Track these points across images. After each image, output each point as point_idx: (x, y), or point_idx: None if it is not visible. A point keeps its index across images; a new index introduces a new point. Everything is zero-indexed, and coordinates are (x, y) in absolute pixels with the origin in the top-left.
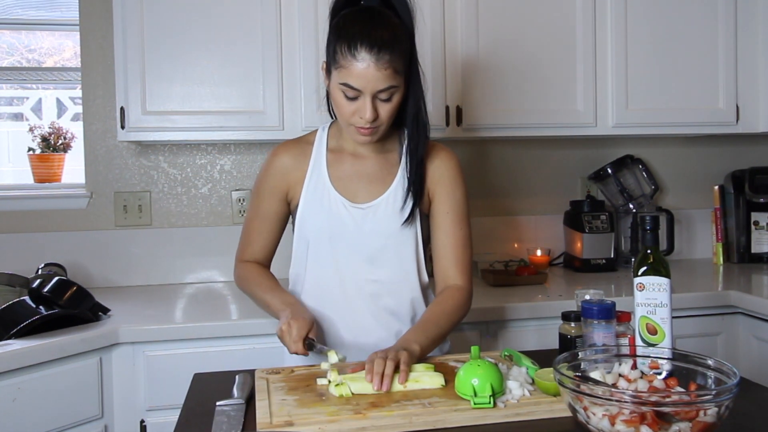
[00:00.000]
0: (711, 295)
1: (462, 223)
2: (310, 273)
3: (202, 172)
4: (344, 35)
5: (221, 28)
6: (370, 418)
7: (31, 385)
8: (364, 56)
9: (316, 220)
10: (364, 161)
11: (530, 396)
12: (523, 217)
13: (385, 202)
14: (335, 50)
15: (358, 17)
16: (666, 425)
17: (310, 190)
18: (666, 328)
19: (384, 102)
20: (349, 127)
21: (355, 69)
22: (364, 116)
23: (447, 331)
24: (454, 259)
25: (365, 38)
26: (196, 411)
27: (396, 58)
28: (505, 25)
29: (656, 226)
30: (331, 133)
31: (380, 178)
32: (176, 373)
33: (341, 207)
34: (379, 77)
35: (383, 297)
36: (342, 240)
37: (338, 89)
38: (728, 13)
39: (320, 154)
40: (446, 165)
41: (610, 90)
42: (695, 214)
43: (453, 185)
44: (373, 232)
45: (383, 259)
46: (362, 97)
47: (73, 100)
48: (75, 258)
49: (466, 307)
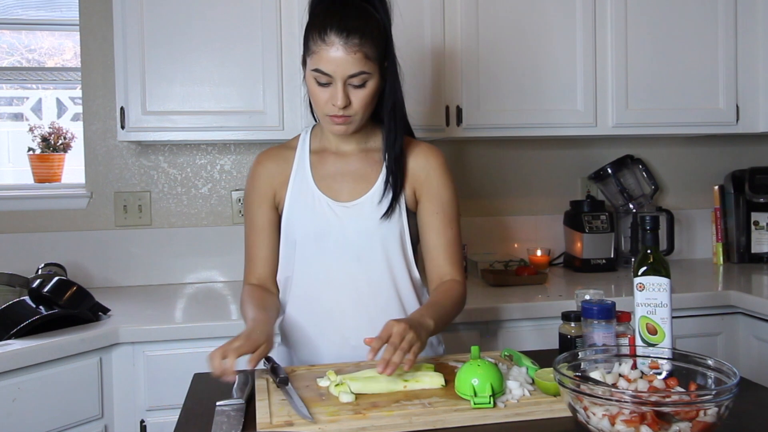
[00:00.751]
0: (711, 295)
1: (452, 222)
2: (297, 274)
3: (202, 172)
4: (316, 22)
5: (221, 28)
6: (370, 418)
7: (31, 385)
8: (333, 40)
9: (301, 221)
10: (347, 159)
11: (530, 396)
12: (523, 217)
13: (370, 201)
14: (307, 38)
15: (330, 5)
16: (666, 425)
17: (294, 191)
18: (666, 328)
19: (356, 89)
20: (324, 118)
21: (326, 54)
22: (336, 102)
23: (452, 316)
24: (448, 257)
25: (335, 23)
26: (196, 411)
27: (366, 42)
28: (505, 25)
29: (656, 226)
30: (313, 135)
31: (364, 176)
32: (176, 373)
33: (326, 206)
34: (349, 61)
35: (372, 296)
36: (328, 239)
37: (312, 77)
38: (728, 13)
39: (303, 156)
40: (432, 164)
41: (610, 90)
42: (695, 214)
43: (440, 185)
44: (358, 230)
45: (370, 257)
46: (334, 83)
47: (73, 100)
48: (75, 258)
49: (463, 299)
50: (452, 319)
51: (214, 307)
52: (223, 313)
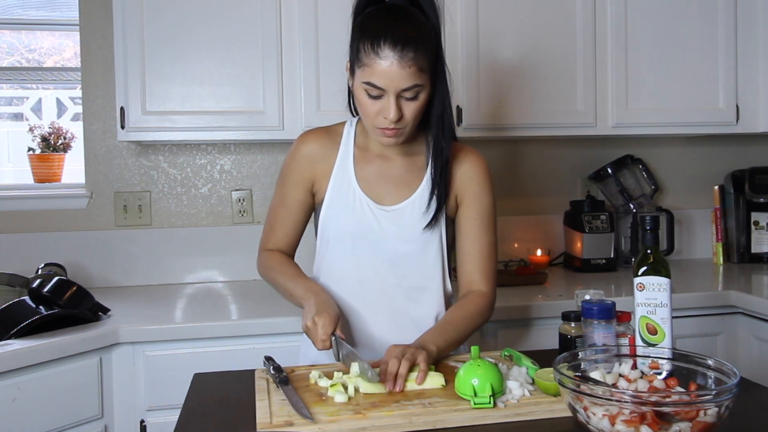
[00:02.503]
0: (711, 295)
1: (489, 229)
2: (328, 272)
3: (202, 172)
4: (367, 33)
5: (221, 27)
6: (370, 418)
7: (31, 385)
8: (387, 53)
9: (339, 219)
10: (390, 163)
11: (530, 396)
12: (523, 217)
13: (411, 206)
14: (358, 48)
15: (382, 14)
16: (666, 425)
17: (335, 187)
18: (666, 328)
19: (409, 101)
20: (374, 130)
21: (379, 67)
22: (388, 116)
23: (466, 335)
24: (480, 265)
25: (389, 35)
26: (196, 411)
27: (420, 55)
28: (504, 26)
29: (656, 226)
30: (359, 130)
31: (407, 182)
32: (176, 373)
33: (366, 208)
34: (403, 75)
35: (403, 302)
36: (365, 241)
37: (362, 88)
38: (728, 13)
39: (347, 149)
40: (475, 169)
41: (610, 90)
42: (695, 214)
43: (481, 190)
44: (398, 236)
45: (406, 264)
46: (386, 96)
47: (73, 100)
48: (75, 258)
49: (488, 313)
50: (467, 337)
51: (214, 307)
52: (223, 313)
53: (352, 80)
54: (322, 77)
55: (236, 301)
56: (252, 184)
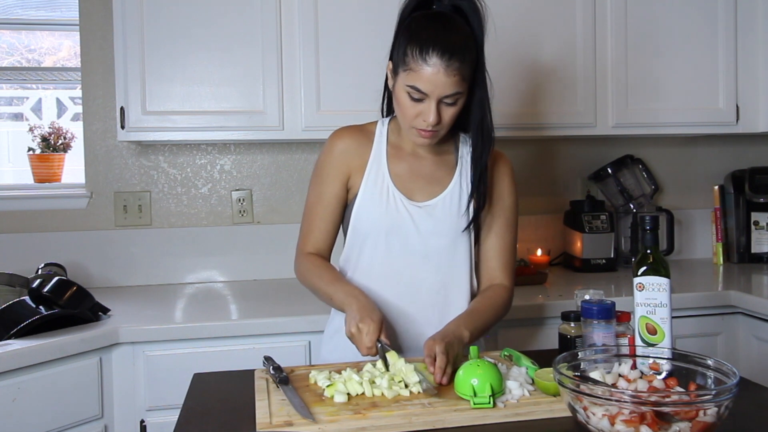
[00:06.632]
0: (711, 295)
1: (510, 227)
2: (361, 266)
3: (202, 172)
4: (416, 38)
5: (221, 27)
6: (370, 418)
7: (31, 385)
8: (435, 62)
9: (373, 214)
10: (422, 161)
11: (530, 396)
12: (523, 217)
13: (442, 203)
14: (405, 52)
15: (432, 22)
16: (666, 425)
17: (369, 182)
18: (666, 328)
19: (448, 106)
20: (410, 130)
21: (425, 73)
22: (427, 119)
23: (490, 324)
24: (502, 261)
25: (438, 44)
26: (196, 411)
27: (465, 65)
28: (504, 26)
29: (656, 226)
30: (391, 128)
31: (437, 179)
32: (176, 373)
33: (399, 203)
34: (447, 83)
35: (434, 296)
36: (398, 236)
37: (404, 90)
38: (728, 13)
39: (381, 146)
40: (501, 170)
41: (610, 90)
42: (695, 214)
43: (506, 190)
44: (430, 231)
45: (437, 260)
46: (427, 100)
47: (73, 100)
48: (75, 258)
49: (508, 305)
50: (491, 326)
51: (214, 307)
52: (223, 313)
53: (393, 81)
54: (322, 77)
55: (236, 301)
56: (252, 184)
